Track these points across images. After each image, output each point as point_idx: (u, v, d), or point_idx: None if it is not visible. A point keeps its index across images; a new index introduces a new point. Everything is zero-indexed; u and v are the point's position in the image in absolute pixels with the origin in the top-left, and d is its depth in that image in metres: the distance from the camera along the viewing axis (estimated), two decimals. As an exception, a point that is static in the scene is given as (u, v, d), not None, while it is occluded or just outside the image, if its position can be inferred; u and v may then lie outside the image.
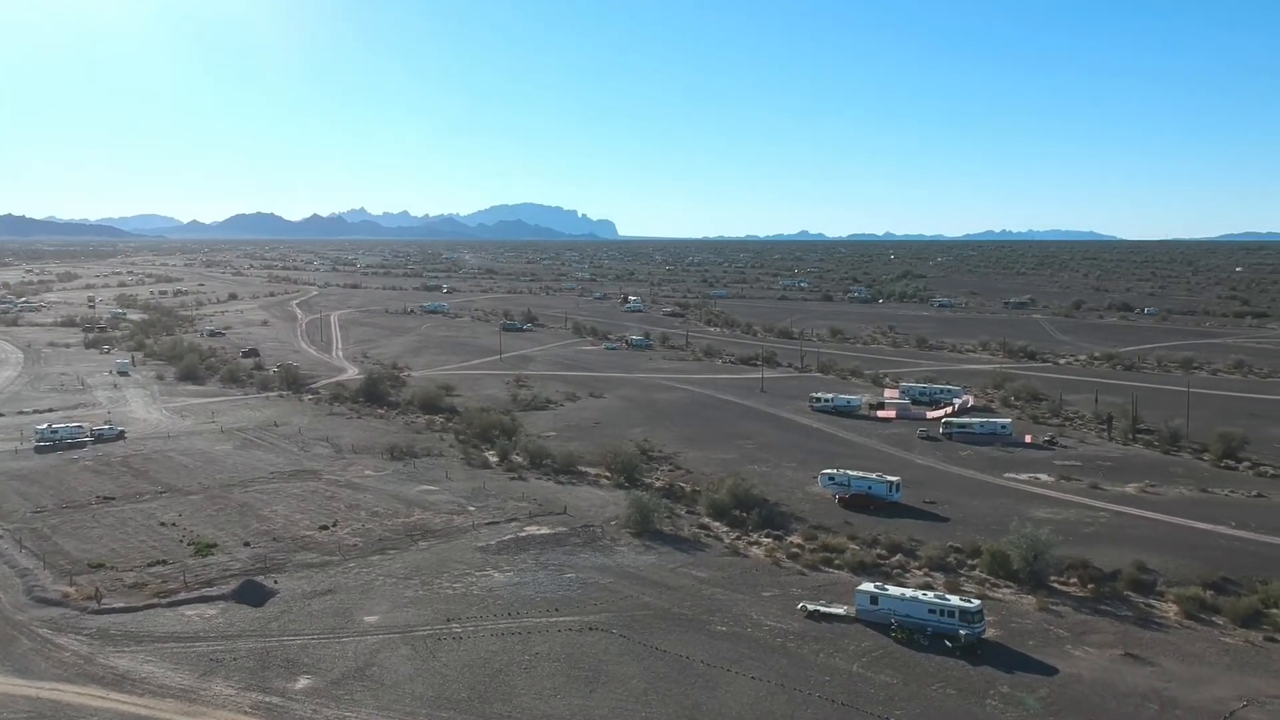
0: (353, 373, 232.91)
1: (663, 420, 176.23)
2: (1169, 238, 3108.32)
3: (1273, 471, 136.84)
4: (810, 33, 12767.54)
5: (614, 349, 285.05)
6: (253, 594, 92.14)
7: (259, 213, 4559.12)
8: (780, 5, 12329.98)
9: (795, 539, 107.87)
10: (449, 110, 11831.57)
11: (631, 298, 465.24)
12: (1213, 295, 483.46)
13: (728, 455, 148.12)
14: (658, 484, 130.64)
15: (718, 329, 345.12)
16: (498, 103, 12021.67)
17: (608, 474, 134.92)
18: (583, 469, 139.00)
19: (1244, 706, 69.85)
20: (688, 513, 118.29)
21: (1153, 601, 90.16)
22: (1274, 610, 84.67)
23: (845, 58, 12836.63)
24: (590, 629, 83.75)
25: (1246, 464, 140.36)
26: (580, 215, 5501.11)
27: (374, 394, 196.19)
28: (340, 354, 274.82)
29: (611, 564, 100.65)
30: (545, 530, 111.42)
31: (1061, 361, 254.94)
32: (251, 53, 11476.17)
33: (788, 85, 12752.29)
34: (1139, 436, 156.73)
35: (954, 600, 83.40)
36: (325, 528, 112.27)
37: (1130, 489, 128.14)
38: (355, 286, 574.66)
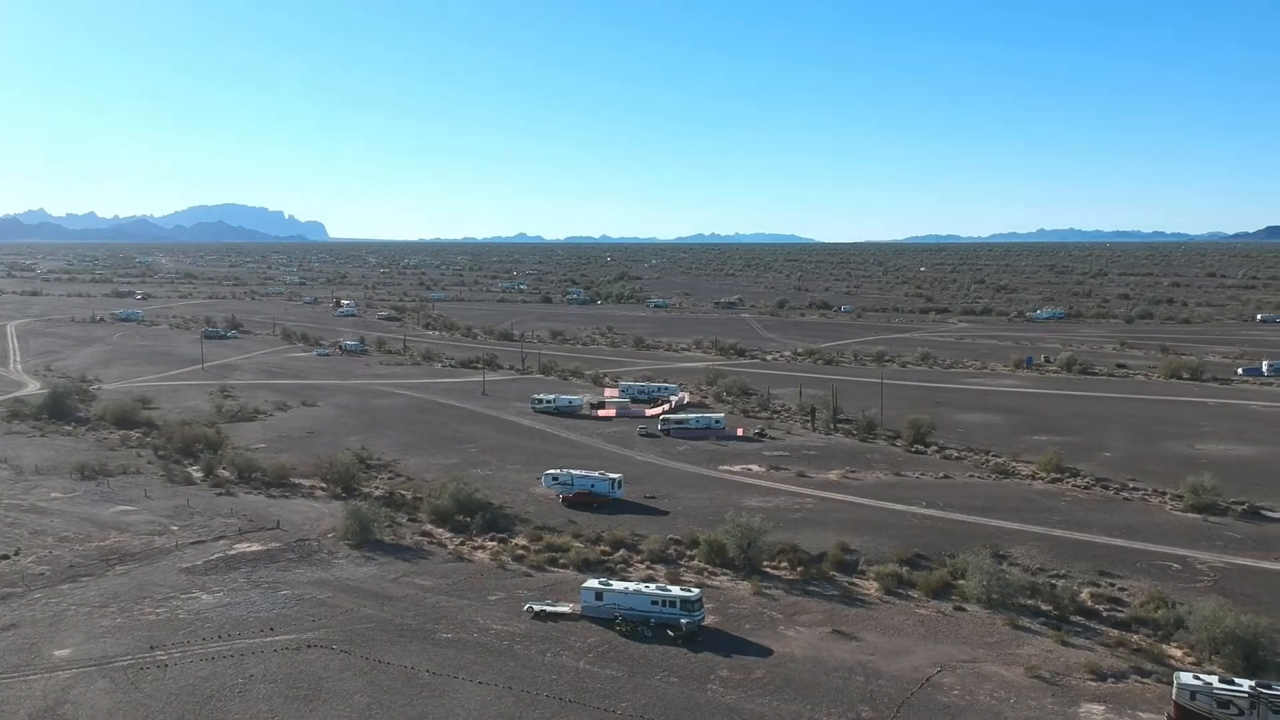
0: (35, 387, 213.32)
1: (381, 427, 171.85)
2: (861, 240, 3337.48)
3: (956, 454, 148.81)
4: (529, 28, 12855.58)
5: (327, 355, 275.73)
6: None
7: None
8: None
9: (520, 540, 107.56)
10: (139, 101, 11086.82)
11: (345, 302, 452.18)
12: (901, 293, 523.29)
13: (450, 460, 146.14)
14: (377, 493, 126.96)
15: (436, 332, 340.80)
16: (194, 94, 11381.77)
17: (323, 485, 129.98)
18: (296, 481, 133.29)
19: (938, 672, 75.39)
20: (409, 520, 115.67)
21: (856, 580, 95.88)
22: (961, 582, 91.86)
23: (561, 54, 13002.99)
24: (309, 646, 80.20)
25: (934, 448, 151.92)
26: (287, 216, 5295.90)
27: (60, 409, 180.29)
28: (19, 367, 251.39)
29: (330, 578, 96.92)
30: (257, 547, 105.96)
31: (768, 358, 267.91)
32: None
33: (500, 84, 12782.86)
34: (839, 426, 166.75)
35: (675, 590, 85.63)
36: (6, 557, 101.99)
37: (833, 475, 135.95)
38: (35, 294, 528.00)
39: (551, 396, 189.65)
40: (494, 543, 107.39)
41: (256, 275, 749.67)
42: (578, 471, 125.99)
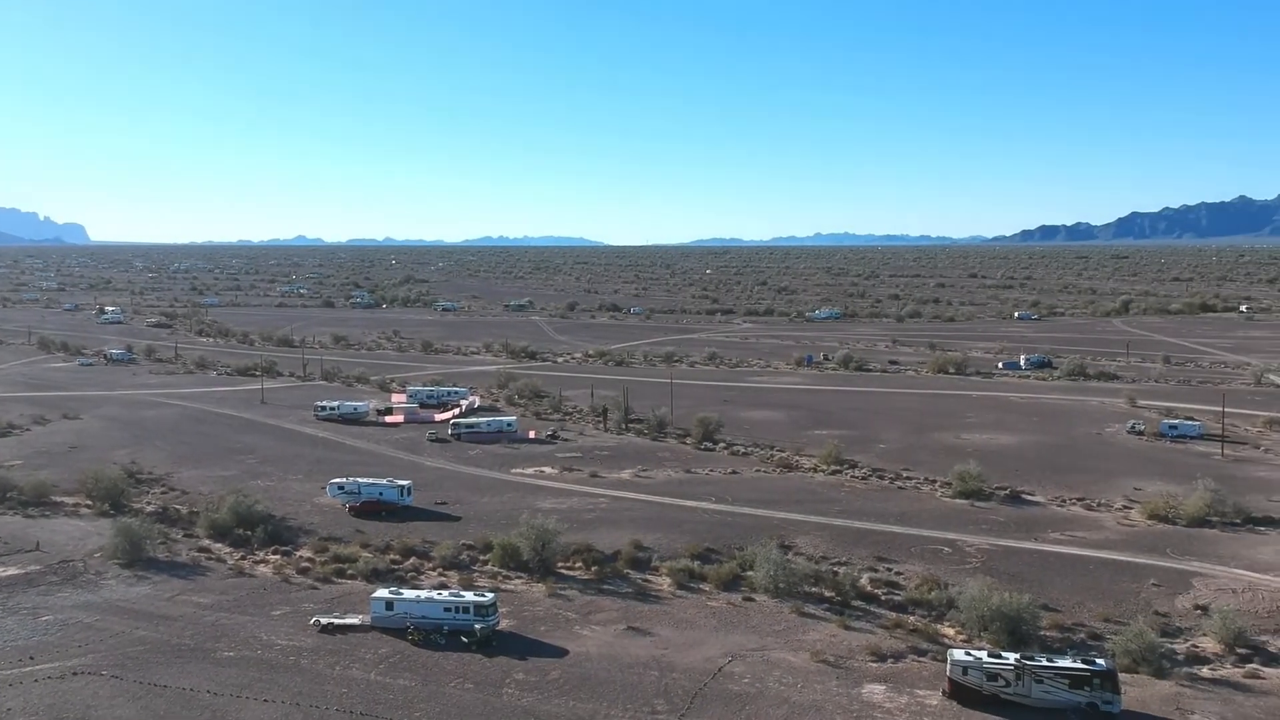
0: None
1: (152, 439, 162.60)
2: (649, 243, 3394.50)
3: (743, 450, 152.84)
4: (297, 18, 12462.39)
5: (90, 365, 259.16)
6: None
7: None
8: None
9: (305, 552, 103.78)
10: None
11: (109, 308, 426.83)
12: (688, 295, 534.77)
13: (228, 472, 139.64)
14: (149, 508, 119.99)
15: (210, 339, 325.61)
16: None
17: (89, 502, 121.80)
18: (58, 499, 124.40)
19: (729, 662, 77.13)
20: (185, 536, 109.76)
21: (649, 576, 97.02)
22: (750, 573, 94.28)
23: (338, 45, 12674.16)
24: (74, 674, 74.89)
25: (722, 445, 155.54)
26: (43, 218, 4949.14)
27: None
28: None
29: (97, 600, 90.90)
30: (13, 571, 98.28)
31: (559, 360, 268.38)
32: None
33: (271, 79, 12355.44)
34: (631, 426, 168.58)
35: (468, 596, 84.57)
36: None
37: (625, 475, 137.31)
38: None
39: (335, 403, 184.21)
40: (277, 556, 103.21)
41: (8, 281, 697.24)
42: (365, 479, 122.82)
